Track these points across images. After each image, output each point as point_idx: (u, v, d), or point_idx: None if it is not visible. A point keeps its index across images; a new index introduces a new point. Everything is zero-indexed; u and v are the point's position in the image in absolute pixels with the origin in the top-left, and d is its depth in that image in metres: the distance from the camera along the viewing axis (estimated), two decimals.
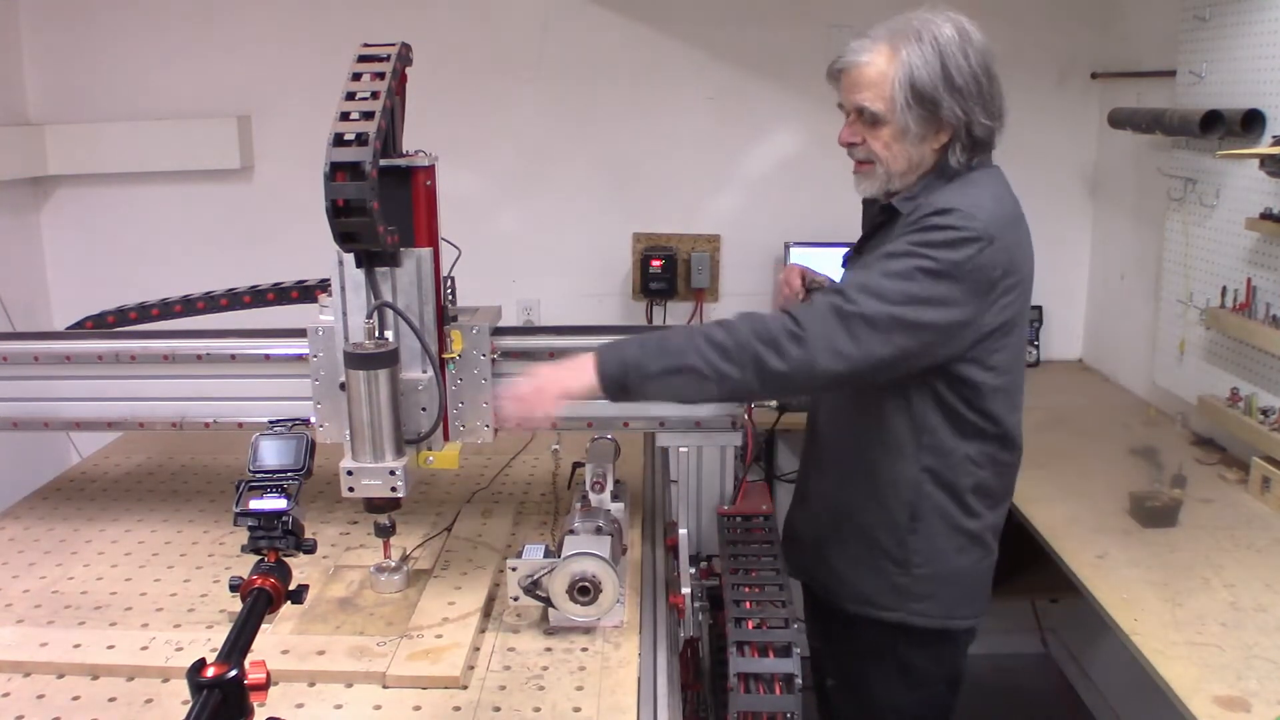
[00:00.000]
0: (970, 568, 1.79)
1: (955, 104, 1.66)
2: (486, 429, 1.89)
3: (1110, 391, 3.22)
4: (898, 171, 1.71)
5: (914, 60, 1.64)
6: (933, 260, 1.57)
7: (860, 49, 1.69)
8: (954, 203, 1.62)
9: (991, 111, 1.70)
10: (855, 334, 1.56)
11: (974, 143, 1.70)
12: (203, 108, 3.29)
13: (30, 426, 2.04)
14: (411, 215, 1.71)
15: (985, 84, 1.70)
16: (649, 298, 3.41)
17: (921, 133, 1.68)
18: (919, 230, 1.61)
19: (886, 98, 1.66)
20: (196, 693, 1.09)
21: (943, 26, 1.67)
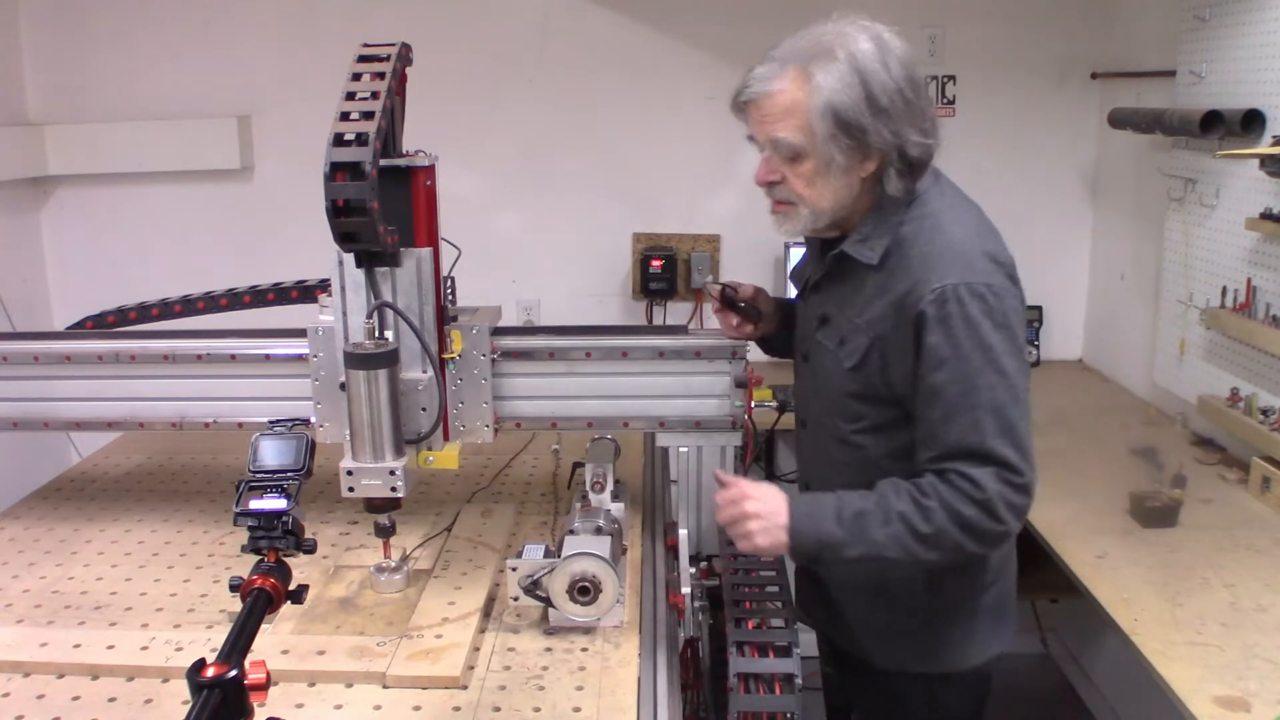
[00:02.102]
0: (995, 601, 1.71)
1: (883, 127, 1.48)
2: (486, 429, 1.89)
3: (1110, 391, 3.22)
4: (824, 210, 1.56)
5: (831, 84, 1.46)
6: (995, 354, 1.45)
7: (768, 76, 1.51)
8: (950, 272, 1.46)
9: (925, 127, 1.52)
10: (1025, 487, 1.46)
11: (911, 165, 1.53)
12: (203, 108, 3.29)
13: (30, 426, 2.04)
14: (411, 215, 1.71)
15: (913, 98, 1.50)
16: (649, 298, 3.41)
17: (847, 164, 1.51)
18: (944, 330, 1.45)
19: (804, 128, 1.49)
20: (196, 693, 1.09)
21: (858, 40, 1.48)
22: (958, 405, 1.46)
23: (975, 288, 1.46)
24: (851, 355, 1.58)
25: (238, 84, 3.30)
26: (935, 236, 1.52)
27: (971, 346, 1.45)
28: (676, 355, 1.92)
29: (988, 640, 1.72)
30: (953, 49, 3.31)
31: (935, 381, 1.47)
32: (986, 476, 1.45)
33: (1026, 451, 1.47)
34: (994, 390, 1.45)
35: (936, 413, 1.48)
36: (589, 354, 1.93)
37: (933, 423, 1.49)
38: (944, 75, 3.32)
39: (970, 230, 1.54)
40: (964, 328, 1.45)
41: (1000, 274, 1.50)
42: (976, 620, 1.70)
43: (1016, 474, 1.45)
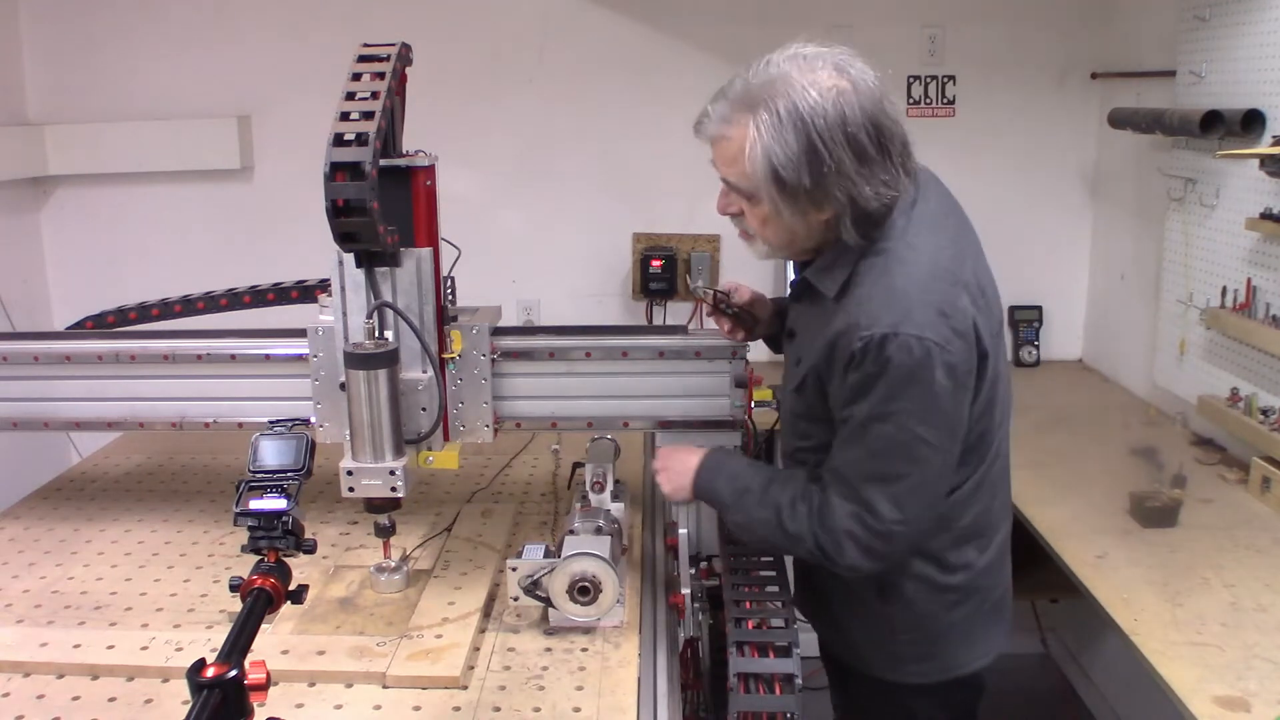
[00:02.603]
0: (966, 619, 1.67)
1: (830, 185, 1.40)
2: (486, 429, 1.88)
3: (1110, 391, 3.22)
4: (780, 247, 1.55)
5: (767, 139, 1.39)
6: (903, 410, 1.42)
7: (719, 116, 1.46)
8: (882, 319, 1.41)
9: (885, 179, 1.42)
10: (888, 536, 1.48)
11: (867, 218, 1.45)
12: (203, 108, 3.29)
13: (30, 426, 2.04)
14: (411, 215, 1.71)
15: (871, 150, 1.40)
16: (649, 298, 3.41)
17: (796, 212, 1.45)
18: (862, 373, 1.43)
19: (749, 176, 1.44)
20: (196, 693, 1.10)
21: (807, 91, 1.38)
22: (851, 439, 1.48)
23: (904, 340, 1.40)
24: (793, 380, 1.62)
25: (238, 84, 3.30)
26: (881, 279, 1.46)
27: (883, 395, 1.42)
28: (676, 355, 1.92)
29: (957, 653, 1.69)
30: (953, 49, 3.31)
31: (844, 414, 1.49)
32: (843, 511, 1.48)
33: (902, 503, 1.46)
34: (884, 440, 1.44)
35: (838, 440, 1.52)
36: (589, 354, 1.93)
37: (834, 448, 1.53)
38: (944, 75, 3.32)
39: (921, 275, 1.46)
40: (881, 375, 1.42)
41: (942, 326, 1.42)
42: (941, 637, 1.68)
43: (877, 520, 1.46)
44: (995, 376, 1.55)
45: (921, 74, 3.32)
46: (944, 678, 1.70)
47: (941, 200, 1.60)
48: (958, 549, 1.63)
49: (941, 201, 1.60)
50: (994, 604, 1.71)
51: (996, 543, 1.69)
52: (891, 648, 1.70)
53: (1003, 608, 1.75)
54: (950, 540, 1.62)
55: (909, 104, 3.32)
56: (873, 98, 1.41)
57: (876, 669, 1.73)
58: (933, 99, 3.34)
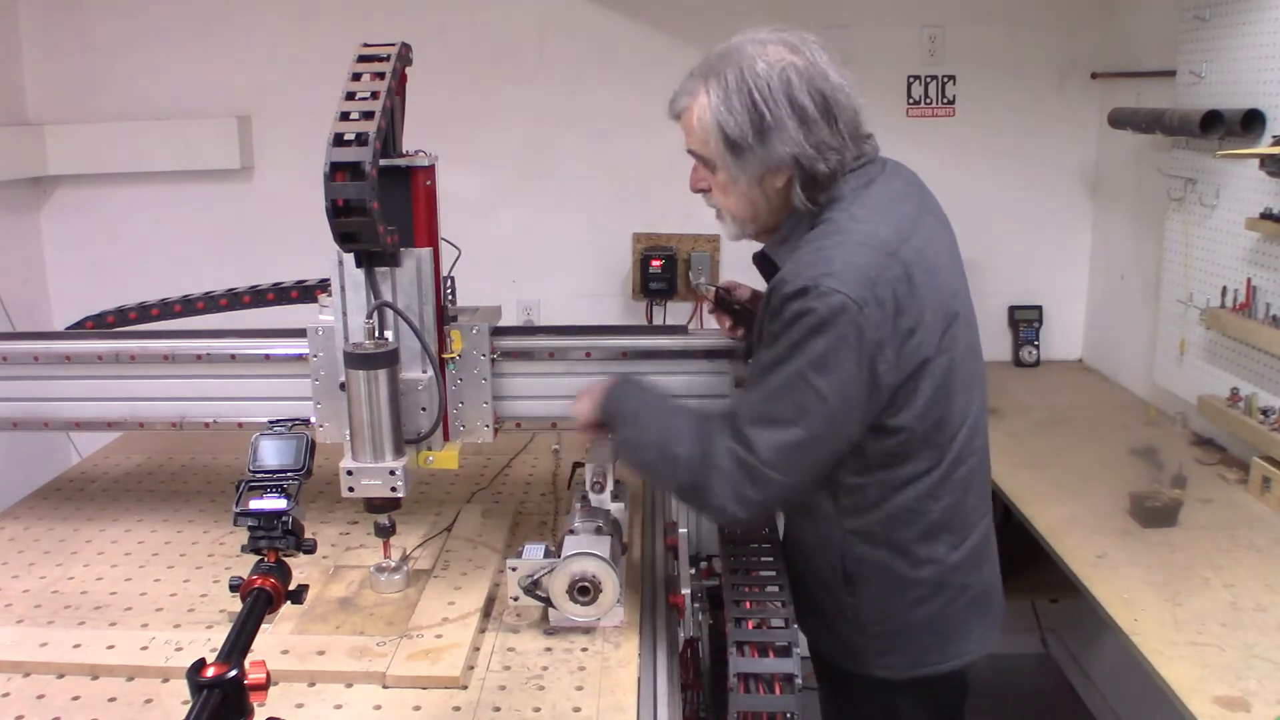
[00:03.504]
0: (936, 615, 1.66)
1: (777, 145, 1.48)
2: (486, 429, 1.89)
3: (1110, 391, 3.22)
4: (743, 218, 1.61)
5: (716, 103, 1.49)
6: (804, 356, 1.45)
7: (682, 89, 1.57)
8: (805, 273, 1.45)
9: (832, 144, 1.49)
10: (761, 481, 1.49)
11: (814, 182, 1.51)
12: (203, 108, 3.29)
13: (30, 426, 2.04)
14: (411, 215, 1.71)
15: (814, 112, 1.48)
16: (649, 298, 3.41)
17: (752, 176, 1.53)
18: (780, 321, 1.47)
19: (705, 143, 1.54)
20: (196, 693, 1.09)
21: (756, 59, 1.49)
22: (751, 383, 1.54)
23: (820, 290, 1.43)
24: None
25: (238, 84, 3.30)
26: (813, 241, 1.51)
27: (790, 340, 1.46)
28: (676, 355, 1.92)
29: (927, 651, 1.68)
30: (953, 49, 3.31)
31: (756, 357, 1.55)
32: (722, 446, 1.50)
33: (780, 451, 1.47)
34: (779, 382, 1.47)
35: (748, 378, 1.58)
36: (589, 354, 1.93)
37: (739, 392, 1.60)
38: (944, 75, 3.32)
39: (852, 242, 1.49)
40: (793, 322, 1.45)
41: (862, 288, 1.44)
42: (909, 631, 1.67)
43: (752, 455, 1.48)
44: (949, 365, 1.55)
45: (921, 74, 3.32)
46: (915, 674, 1.69)
47: (909, 189, 1.63)
48: (927, 543, 1.63)
49: (908, 190, 1.63)
50: (971, 601, 1.69)
51: (972, 540, 1.68)
52: (859, 640, 1.69)
53: (984, 606, 1.72)
54: (918, 533, 1.62)
55: (909, 104, 3.32)
56: (822, 74, 1.50)
57: (849, 662, 1.73)
58: (933, 99, 3.34)
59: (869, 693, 1.74)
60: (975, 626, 1.71)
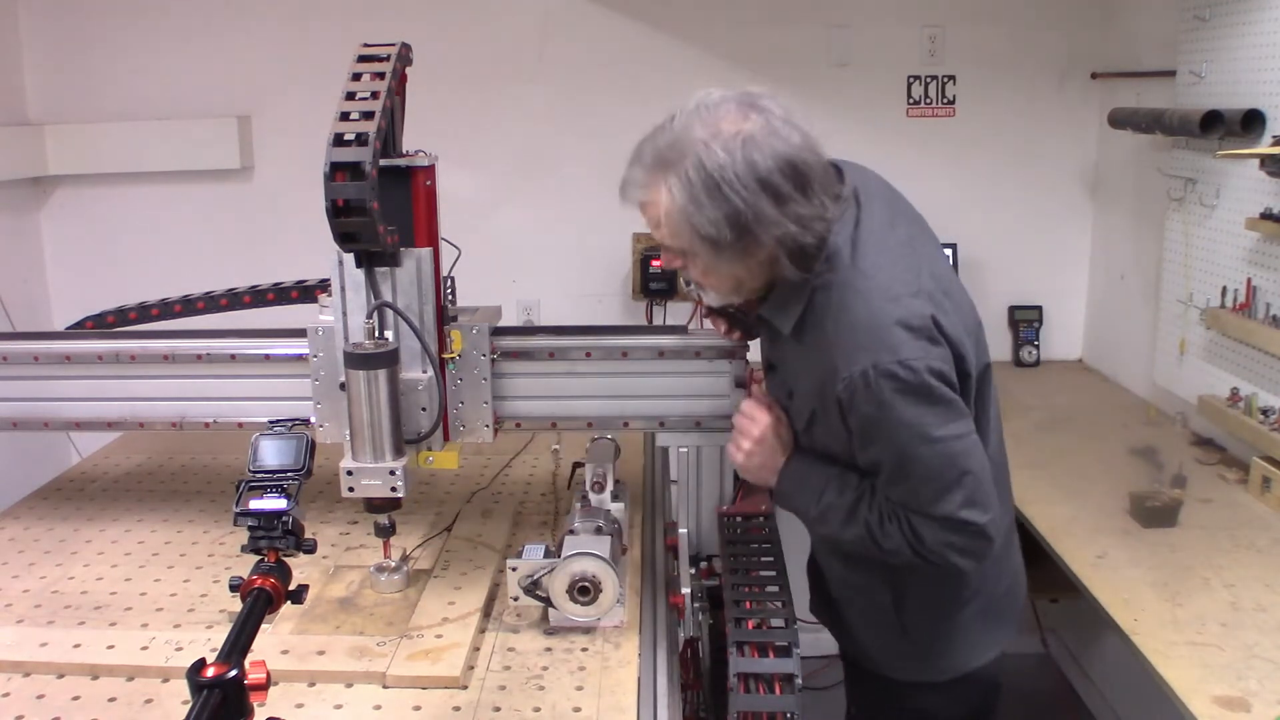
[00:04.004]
0: (976, 614, 1.69)
1: (759, 234, 1.40)
2: (486, 429, 1.89)
3: (1110, 391, 3.22)
4: (729, 292, 1.55)
5: (683, 203, 1.40)
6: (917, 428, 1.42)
7: (635, 180, 1.48)
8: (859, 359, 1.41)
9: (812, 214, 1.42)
10: (979, 533, 1.47)
11: (803, 253, 1.44)
12: (203, 108, 3.29)
13: (30, 426, 2.04)
14: (411, 215, 1.71)
15: (788, 188, 1.39)
16: (649, 298, 3.41)
17: (733, 259, 1.45)
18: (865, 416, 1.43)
19: (677, 236, 1.45)
20: (196, 693, 1.10)
21: (710, 146, 1.38)
22: (894, 478, 1.48)
23: (884, 368, 1.40)
24: (799, 418, 1.59)
25: (238, 84, 3.30)
26: (842, 315, 1.45)
27: (894, 426, 1.42)
28: (676, 355, 1.92)
29: (971, 650, 1.71)
30: (953, 49, 3.31)
31: (869, 458, 1.49)
32: (931, 530, 1.47)
33: (975, 500, 1.46)
34: (921, 461, 1.44)
35: (880, 481, 1.50)
36: (589, 354, 1.93)
37: (880, 486, 1.51)
38: (944, 75, 3.32)
39: (879, 297, 1.44)
40: (879, 411, 1.42)
41: (914, 341, 1.42)
42: (956, 632, 1.69)
43: (969, 527, 1.46)
44: (982, 374, 1.55)
45: (921, 74, 3.32)
46: (956, 674, 1.71)
47: (887, 206, 1.56)
48: None
49: (887, 208, 1.56)
50: (1006, 593, 1.73)
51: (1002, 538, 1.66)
52: (903, 647, 1.70)
53: (1008, 602, 1.76)
54: None
55: (909, 104, 3.32)
56: (781, 137, 1.39)
57: (889, 669, 1.74)
58: (933, 99, 3.34)
59: (907, 695, 1.74)
60: (1002, 621, 1.75)
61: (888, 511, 1.50)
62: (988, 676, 1.76)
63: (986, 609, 1.70)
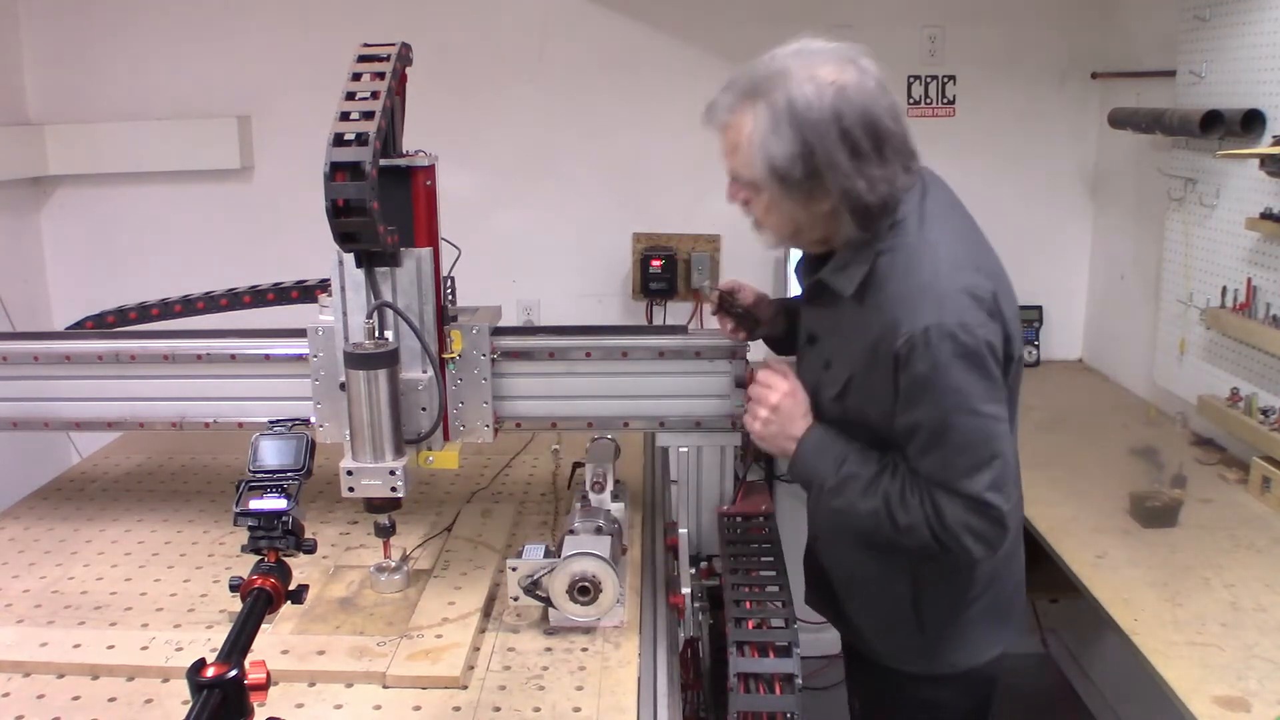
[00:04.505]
0: (988, 607, 1.71)
1: (826, 180, 1.44)
2: (486, 429, 1.89)
3: (1110, 391, 3.22)
4: (785, 235, 1.59)
5: (764, 129, 1.43)
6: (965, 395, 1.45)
7: (723, 105, 1.50)
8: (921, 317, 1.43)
9: (879, 176, 1.45)
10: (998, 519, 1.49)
11: (864, 212, 1.47)
12: (203, 108, 3.29)
13: (30, 426, 2.04)
14: (411, 215, 1.71)
15: (866, 145, 1.42)
16: (649, 298, 3.41)
17: (798, 201, 1.49)
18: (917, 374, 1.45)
19: (751, 167, 1.48)
20: (196, 693, 1.10)
21: (805, 84, 1.41)
22: (930, 445, 1.48)
23: (946, 329, 1.42)
24: (833, 384, 1.60)
25: (238, 84, 3.30)
26: (909, 275, 1.48)
27: (943, 389, 1.44)
28: (676, 355, 1.92)
29: (980, 646, 1.73)
30: (953, 49, 3.31)
31: (909, 421, 1.49)
32: (954, 508, 1.48)
33: (1000, 484, 1.48)
34: (962, 430, 1.46)
35: (913, 448, 1.51)
36: (589, 354, 1.93)
37: (911, 455, 1.52)
38: (944, 75, 3.32)
39: (946, 264, 1.48)
40: (934, 372, 1.44)
41: (977, 310, 1.45)
42: (967, 627, 1.71)
43: (985, 507, 1.48)
44: (1018, 361, 1.58)
45: (921, 74, 3.32)
46: (962, 669, 1.73)
47: (947, 195, 1.61)
48: None
49: (947, 196, 1.61)
50: (1016, 587, 1.77)
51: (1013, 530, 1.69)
52: (918, 641, 1.71)
53: (1016, 599, 1.78)
54: None
55: (909, 104, 3.32)
56: (872, 96, 1.44)
57: (895, 661, 1.75)
58: (933, 99, 3.34)
59: (911, 686, 1.76)
60: (1014, 617, 1.78)
61: (911, 485, 1.51)
62: (990, 672, 1.77)
63: (995, 606, 1.72)
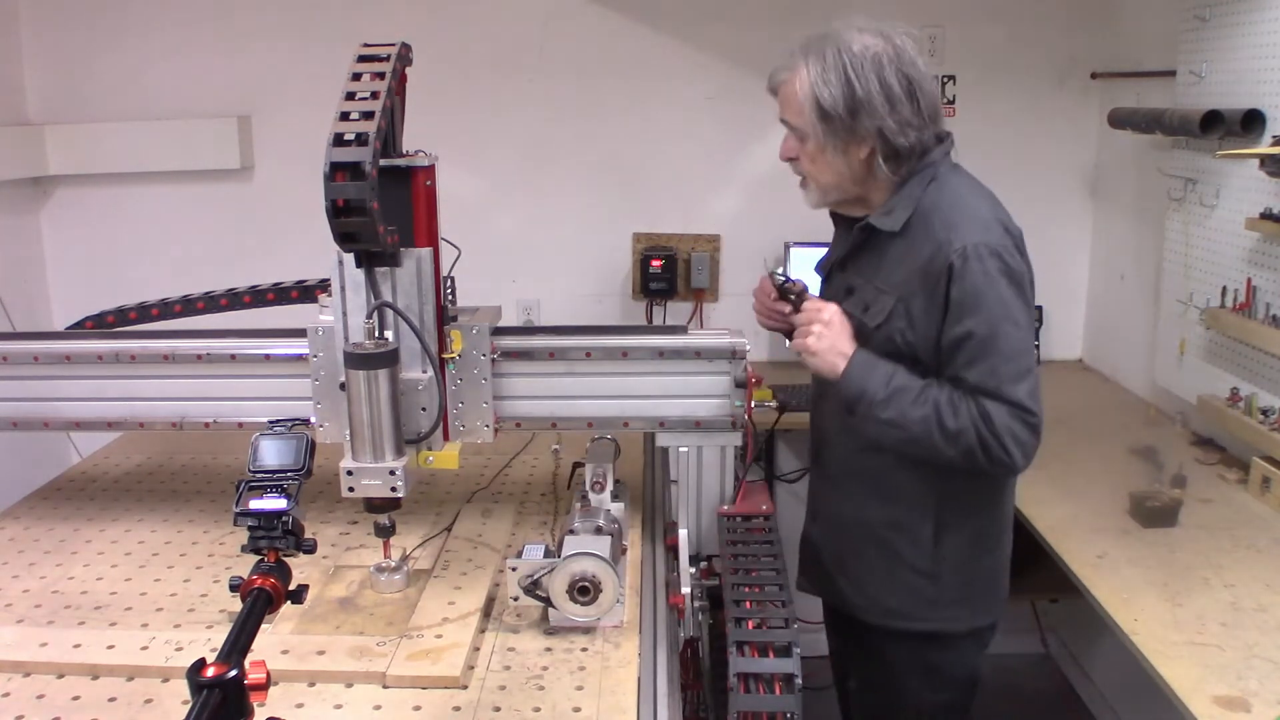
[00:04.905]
0: (994, 565, 1.85)
1: (864, 118, 1.66)
2: (486, 429, 1.89)
3: (1110, 391, 3.22)
4: (828, 184, 1.76)
5: (815, 77, 1.66)
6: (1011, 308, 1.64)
7: (783, 65, 1.73)
8: (971, 234, 1.64)
9: (911, 120, 1.67)
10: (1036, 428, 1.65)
11: (897, 154, 1.70)
12: (203, 108, 3.29)
13: (30, 426, 2.04)
14: (411, 215, 1.71)
15: (902, 96, 1.66)
16: (649, 298, 3.41)
17: (839, 146, 1.70)
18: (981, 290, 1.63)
19: (801, 114, 1.70)
20: (196, 693, 1.09)
21: (853, 40, 1.66)
22: (979, 353, 1.64)
23: (994, 247, 1.64)
24: (877, 315, 1.73)
25: (238, 84, 3.30)
26: (953, 208, 1.69)
27: (993, 299, 1.63)
28: (676, 355, 1.92)
29: (981, 605, 1.85)
30: (953, 49, 3.31)
31: (960, 331, 1.64)
32: (1000, 413, 1.63)
33: (1036, 396, 1.65)
34: (1009, 339, 1.63)
35: (961, 358, 1.65)
36: (589, 354, 1.93)
37: (957, 366, 1.66)
38: (944, 75, 3.32)
39: (985, 203, 1.72)
40: (985, 281, 1.63)
41: (1010, 242, 1.67)
42: (975, 580, 1.84)
43: (1027, 414, 1.64)
44: None
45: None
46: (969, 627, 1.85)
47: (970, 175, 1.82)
48: (1007, 489, 1.86)
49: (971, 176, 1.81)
50: (1005, 561, 1.89)
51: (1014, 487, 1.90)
52: (932, 592, 1.81)
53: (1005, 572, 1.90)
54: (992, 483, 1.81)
55: None
56: (913, 63, 1.68)
57: (911, 619, 1.84)
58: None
59: (914, 651, 1.85)
60: (1004, 586, 1.89)
61: (957, 394, 1.66)
62: (984, 641, 1.90)
63: (995, 570, 1.86)
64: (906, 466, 1.76)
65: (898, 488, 1.80)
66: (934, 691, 1.89)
